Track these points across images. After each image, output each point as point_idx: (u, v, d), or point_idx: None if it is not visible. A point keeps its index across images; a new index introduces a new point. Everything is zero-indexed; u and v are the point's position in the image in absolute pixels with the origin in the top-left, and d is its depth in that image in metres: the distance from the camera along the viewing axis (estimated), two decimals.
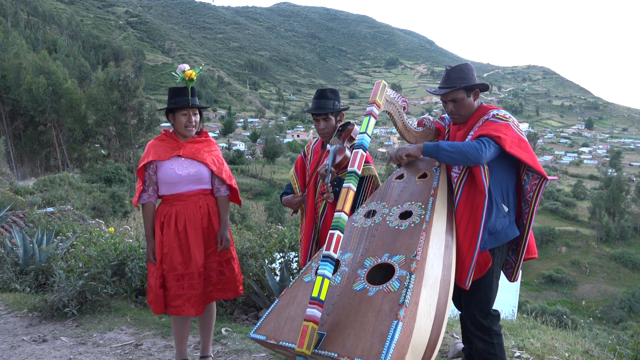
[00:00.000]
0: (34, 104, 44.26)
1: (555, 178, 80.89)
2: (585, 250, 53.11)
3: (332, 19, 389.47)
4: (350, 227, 2.59)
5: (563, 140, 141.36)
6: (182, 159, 3.07)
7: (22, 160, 47.73)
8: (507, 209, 2.59)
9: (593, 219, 56.24)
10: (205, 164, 3.11)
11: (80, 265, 4.57)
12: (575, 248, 53.37)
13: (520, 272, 2.84)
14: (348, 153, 2.96)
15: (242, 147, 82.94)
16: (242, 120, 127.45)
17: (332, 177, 2.92)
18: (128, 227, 8.01)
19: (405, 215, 2.49)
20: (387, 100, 2.54)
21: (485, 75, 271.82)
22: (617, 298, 39.55)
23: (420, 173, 2.76)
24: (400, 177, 2.83)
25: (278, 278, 4.42)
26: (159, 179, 3.07)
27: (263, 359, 3.47)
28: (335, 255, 2.10)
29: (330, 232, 2.14)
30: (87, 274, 4.47)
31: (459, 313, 2.90)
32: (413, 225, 2.37)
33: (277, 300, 2.35)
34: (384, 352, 1.82)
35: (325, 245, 2.13)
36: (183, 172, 3.05)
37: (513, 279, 2.79)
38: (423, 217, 2.39)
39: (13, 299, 5.07)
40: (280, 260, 4.73)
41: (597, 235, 54.82)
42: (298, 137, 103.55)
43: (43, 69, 46.59)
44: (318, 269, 2.08)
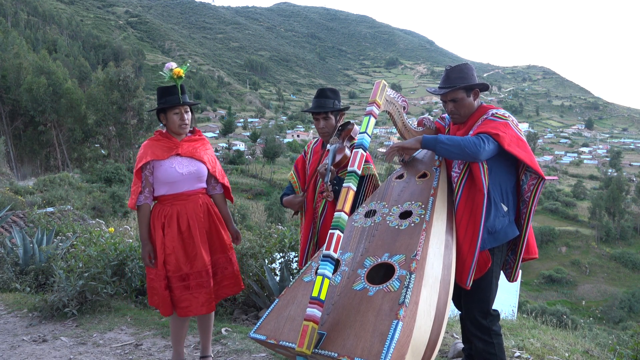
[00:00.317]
0: (34, 104, 44.24)
1: (555, 178, 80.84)
2: (585, 250, 53.08)
3: (332, 19, 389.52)
4: (350, 226, 2.59)
5: (563, 140, 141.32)
6: (180, 158, 3.05)
7: (22, 160, 47.71)
8: (506, 209, 2.59)
9: (593, 219, 56.20)
10: (204, 162, 3.12)
11: (80, 265, 4.56)
12: (575, 248, 53.34)
13: (520, 272, 2.84)
14: (347, 152, 2.96)
15: (242, 147, 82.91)
16: (242, 120, 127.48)
17: (331, 176, 2.92)
18: (128, 227, 8.00)
19: (405, 215, 2.49)
20: (387, 100, 2.54)
21: (485, 75, 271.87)
22: (617, 298, 39.52)
23: (420, 173, 2.76)
24: (400, 177, 2.84)
25: (278, 278, 4.42)
26: (158, 179, 3.03)
27: (263, 359, 3.47)
28: (336, 255, 2.10)
29: (330, 231, 2.14)
30: (87, 274, 4.47)
31: (459, 313, 2.91)
32: (413, 225, 2.37)
33: (277, 300, 2.35)
34: (384, 351, 1.82)
35: (325, 245, 2.13)
36: (184, 170, 3.03)
37: (512, 279, 2.79)
38: (423, 216, 2.39)
39: (13, 299, 5.06)
40: (280, 260, 4.73)
41: (597, 235, 54.78)
42: (298, 137, 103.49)
43: (43, 69, 46.57)
44: (318, 269, 2.08)
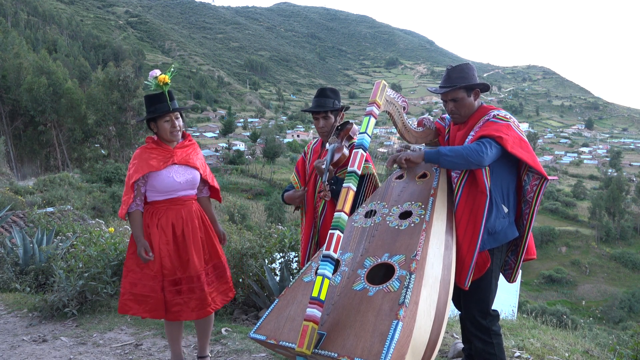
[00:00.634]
0: (34, 104, 44.26)
1: (555, 178, 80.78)
2: (585, 250, 53.06)
3: (332, 19, 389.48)
4: (350, 227, 2.59)
5: (563, 140, 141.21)
6: (177, 166, 3.06)
7: (22, 160, 47.72)
8: (506, 210, 2.59)
9: (593, 219, 56.17)
10: (197, 169, 3.13)
11: (80, 265, 4.56)
12: (575, 248, 53.32)
13: (520, 272, 2.84)
14: (346, 152, 2.95)
15: (242, 147, 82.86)
16: (242, 120, 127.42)
17: (329, 175, 2.92)
18: (128, 227, 8.00)
19: (405, 215, 2.49)
20: (387, 100, 2.54)
21: (485, 75, 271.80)
22: (617, 298, 39.51)
23: (420, 173, 2.76)
24: (400, 177, 2.83)
25: (278, 278, 4.42)
26: (155, 188, 3.01)
27: (263, 359, 3.47)
28: (335, 255, 2.10)
29: (330, 232, 2.14)
30: (87, 274, 4.47)
31: (459, 313, 2.90)
32: (413, 225, 2.37)
33: (277, 300, 2.35)
34: (384, 351, 1.82)
35: (325, 245, 2.13)
36: (181, 179, 3.05)
37: (512, 280, 2.79)
38: (423, 217, 2.39)
39: (13, 299, 5.06)
40: (280, 260, 4.72)
41: (597, 235, 54.76)
42: (298, 137, 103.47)
43: (43, 69, 46.60)
44: (318, 269, 2.08)
